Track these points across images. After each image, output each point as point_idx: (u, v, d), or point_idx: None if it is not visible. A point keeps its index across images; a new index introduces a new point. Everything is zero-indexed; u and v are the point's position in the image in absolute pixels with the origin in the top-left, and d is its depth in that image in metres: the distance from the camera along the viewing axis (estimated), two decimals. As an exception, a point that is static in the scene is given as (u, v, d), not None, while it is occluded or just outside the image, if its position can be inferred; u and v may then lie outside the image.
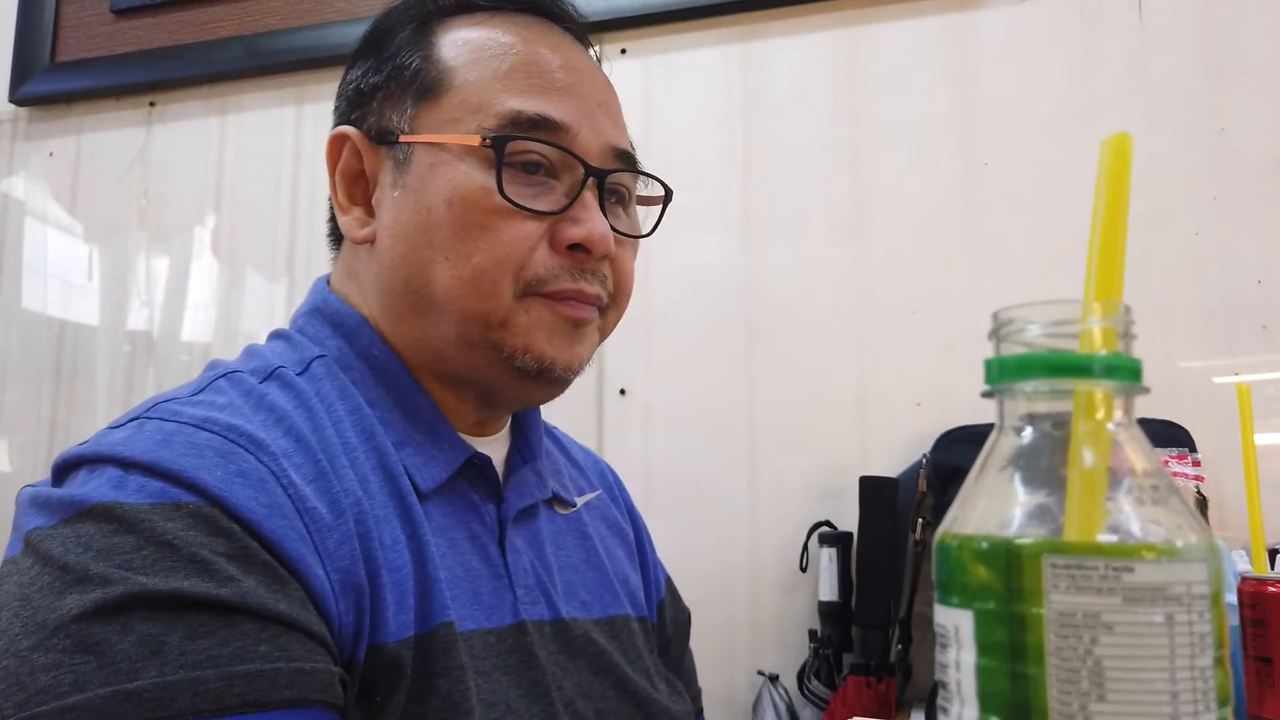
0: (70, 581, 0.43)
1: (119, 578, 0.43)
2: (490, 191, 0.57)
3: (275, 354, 0.60)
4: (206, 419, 0.50)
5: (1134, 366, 0.28)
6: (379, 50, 0.63)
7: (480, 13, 0.63)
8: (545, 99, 0.59)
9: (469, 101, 0.58)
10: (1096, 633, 0.25)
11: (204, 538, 0.45)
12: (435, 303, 0.58)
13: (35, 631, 0.42)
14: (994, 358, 0.29)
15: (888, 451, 1.23)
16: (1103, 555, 0.25)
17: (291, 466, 0.50)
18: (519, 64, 0.60)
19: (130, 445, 0.48)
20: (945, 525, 0.29)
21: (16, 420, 1.60)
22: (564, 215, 0.58)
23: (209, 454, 0.48)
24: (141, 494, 0.46)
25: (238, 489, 0.47)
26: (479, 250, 0.56)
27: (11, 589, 0.44)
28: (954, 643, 0.27)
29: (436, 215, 0.57)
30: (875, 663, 1.15)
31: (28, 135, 1.67)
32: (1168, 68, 1.22)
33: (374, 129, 0.61)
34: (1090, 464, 0.27)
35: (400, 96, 0.61)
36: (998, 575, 0.26)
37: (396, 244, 0.59)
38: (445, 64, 0.60)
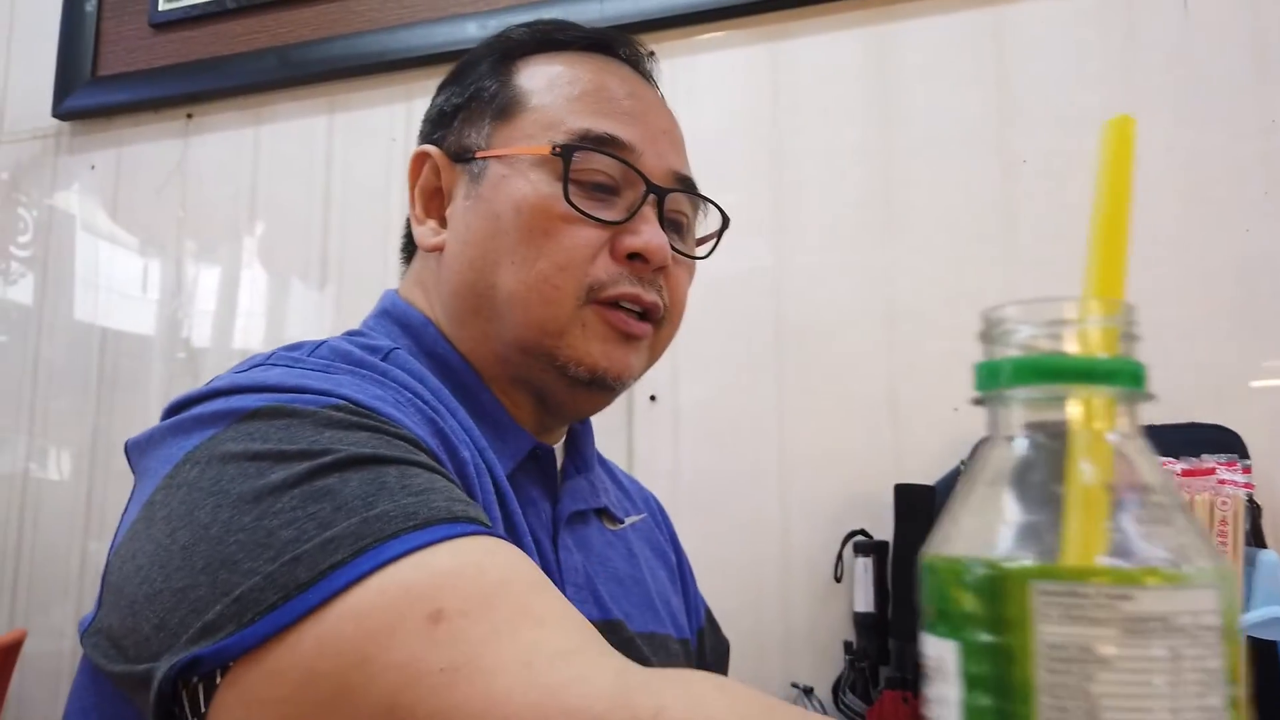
0: (268, 464, 0.44)
1: (318, 449, 0.44)
2: (557, 199, 0.60)
3: (353, 345, 0.62)
4: (329, 365, 0.54)
5: (1137, 371, 0.25)
6: (462, 78, 0.69)
7: (556, 50, 0.67)
8: (613, 120, 0.63)
9: (542, 121, 0.63)
10: (1091, 668, 0.22)
11: (371, 424, 0.47)
12: (498, 305, 0.61)
13: (253, 503, 0.42)
14: (983, 361, 0.26)
15: (923, 458, 1.19)
16: (1098, 581, 0.22)
17: (414, 425, 0.52)
18: (589, 90, 0.64)
19: (265, 379, 0.50)
20: (930, 545, 0.26)
21: (64, 429, 1.63)
22: (624, 226, 0.61)
23: (345, 383, 0.51)
24: (298, 401, 0.48)
25: (384, 407, 0.50)
26: (544, 255, 0.60)
27: (195, 496, 0.44)
28: (939, 676, 0.25)
29: (505, 221, 0.61)
30: (913, 676, 1.11)
31: (71, 149, 1.70)
32: (1214, 61, 1.17)
33: (453, 148, 0.66)
34: (1088, 479, 0.24)
35: (479, 117, 0.65)
36: (983, 602, 0.23)
37: (465, 249, 0.63)
38: (521, 88, 0.65)
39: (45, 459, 1.64)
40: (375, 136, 1.52)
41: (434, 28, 1.47)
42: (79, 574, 1.58)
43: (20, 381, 1.67)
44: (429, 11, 1.48)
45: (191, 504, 0.43)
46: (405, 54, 1.47)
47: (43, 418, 1.65)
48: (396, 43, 1.48)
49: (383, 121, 1.52)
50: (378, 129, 1.52)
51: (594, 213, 0.60)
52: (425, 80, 1.50)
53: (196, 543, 0.42)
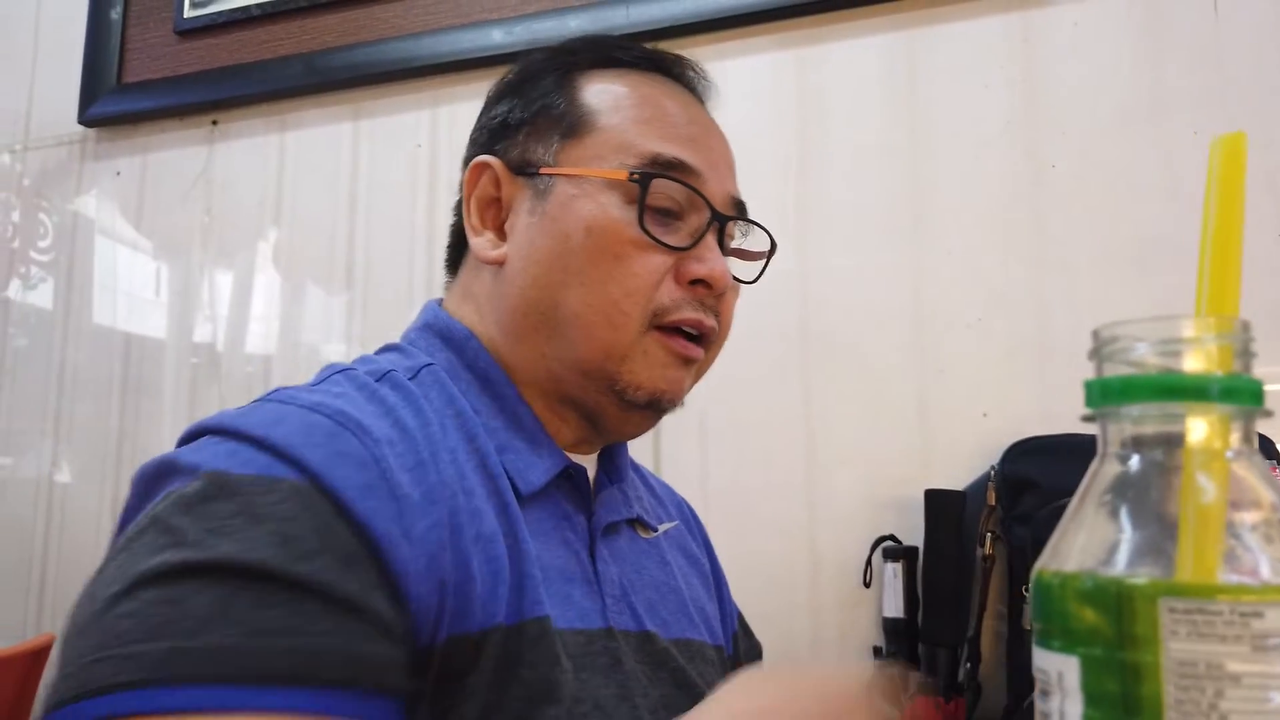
0: (169, 542, 0.46)
1: (210, 543, 0.45)
2: (629, 224, 0.61)
3: (388, 361, 0.63)
4: (319, 404, 0.53)
5: (1254, 388, 0.25)
6: (523, 92, 0.68)
7: (617, 68, 0.68)
8: (679, 145, 0.64)
9: (611, 142, 0.63)
10: (1222, 685, 0.22)
11: (292, 514, 0.47)
12: (561, 324, 0.62)
13: (125, 581, 0.45)
14: (1095, 379, 0.27)
15: (953, 463, 1.19)
16: (1228, 598, 0.22)
17: (392, 453, 0.53)
18: (656, 114, 0.65)
19: (246, 420, 0.52)
20: (1043, 560, 0.26)
21: (86, 433, 1.64)
22: (689, 253, 0.62)
23: (316, 434, 0.51)
24: (248, 465, 0.49)
25: (336, 468, 0.50)
26: (612, 279, 0.60)
27: (126, 543, 0.47)
28: (1057, 690, 0.25)
29: (574, 242, 0.61)
30: (944, 682, 1.11)
31: (96, 155, 1.71)
32: (1245, 65, 1.17)
33: (516, 160, 0.66)
34: (1207, 496, 0.24)
35: (546, 133, 0.65)
36: (1107, 618, 0.24)
37: (530, 266, 0.63)
38: (589, 107, 0.65)
39: (69, 463, 1.65)
40: (400, 143, 1.53)
41: (459, 34, 1.47)
42: (105, 578, 1.58)
43: (44, 386, 1.67)
44: (454, 18, 1.48)
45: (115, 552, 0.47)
46: (430, 60, 1.48)
47: (67, 422, 1.65)
48: (421, 49, 1.49)
49: (408, 128, 1.53)
50: (403, 136, 1.53)
51: (663, 239, 0.61)
52: (451, 87, 1.51)
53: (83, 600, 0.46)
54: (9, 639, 1.55)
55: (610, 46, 0.69)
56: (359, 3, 1.54)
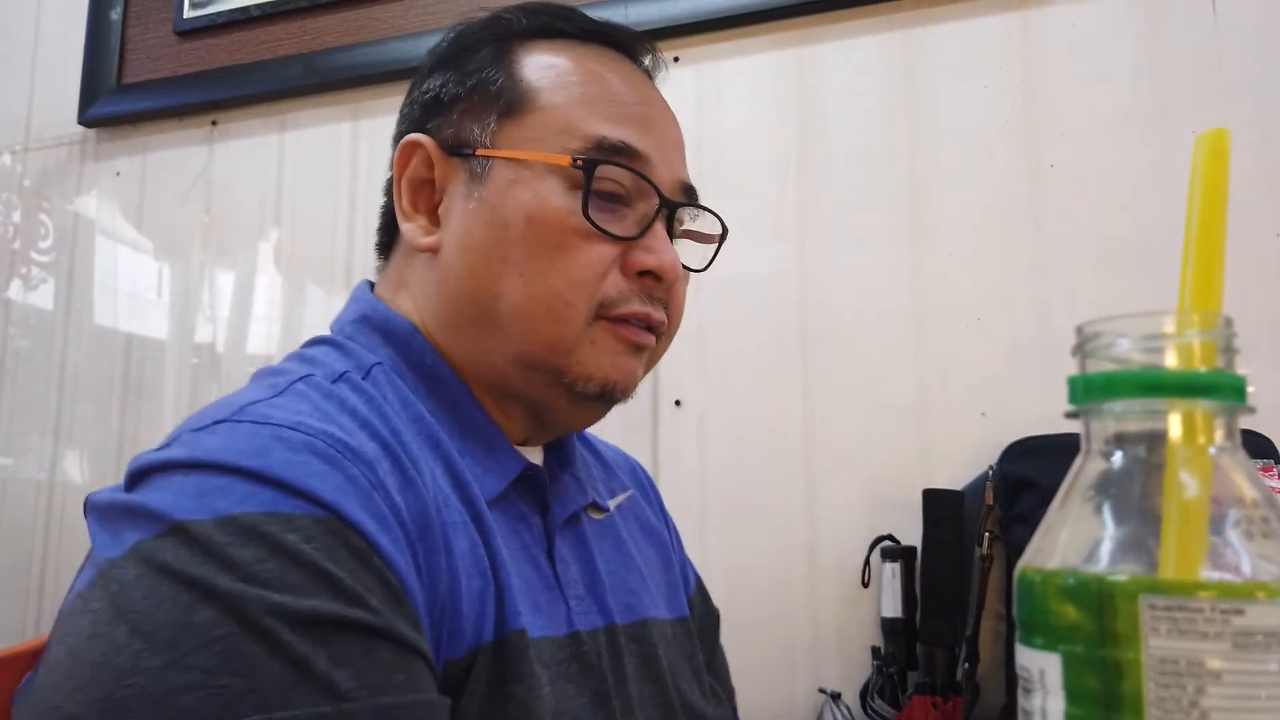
0: (199, 597, 0.40)
1: (252, 594, 0.40)
2: (572, 212, 0.57)
3: (332, 360, 0.59)
4: (299, 424, 0.48)
5: (1238, 384, 0.25)
6: (458, 64, 0.64)
7: (560, 39, 0.64)
8: (628, 128, 0.60)
9: (553, 122, 0.59)
10: (1203, 682, 0.22)
11: (326, 550, 0.43)
12: (501, 317, 0.58)
13: (166, 648, 0.39)
14: (1078, 375, 0.27)
15: (951, 463, 1.19)
16: (1209, 595, 0.22)
17: (385, 474, 0.49)
18: (603, 92, 0.61)
19: (229, 450, 0.45)
20: (1026, 558, 0.26)
21: (86, 433, 1.64)
22: (636, 242, 0.59)
23: (313, 460, 0.46)
24: (253, 503, 0.43)
25: (348, 498, 0.45)
26: (555, 270, 0.57)
27: (120, 602, 0.41)
28: (1039, 688, 0.25)
29: (514, 231, 0.58)
30: (941, 681, 1.11)
31: (96, 155, 1.72)
32: (1244, 65, 1.16)
33: (450, 140, 0.62)
34: (1190, 493, 0.24)
35: (482, 111, 0.61)
36: (1088, 615, 0.24)
37: (466, 255, 0.59)
38: (529, 84, 0.61)
39: (70, 464, 1.65)
40: (399, 143, 1.53)
41: (458, 34, 1.47)
42: (105, 578, 1.58)
43: (45, 387, 1.68)
44: (453, 18, 1.48)
45: (117, 612, 0.41)
46: (429, 60, 1.48)
47: (67, 423, 1.66)
48: (421, 49, 1.47)
49: (407, 128, 1.53)
50: (402, 135, 1.53)
51: (609, 228, 0.58)
52: (449, 86, 1.51)
53: (104, 666, 0.40)
54: (8, 639, 1.55)
55: (553, 15, 0.65)
56: (358, 3, 1.54)
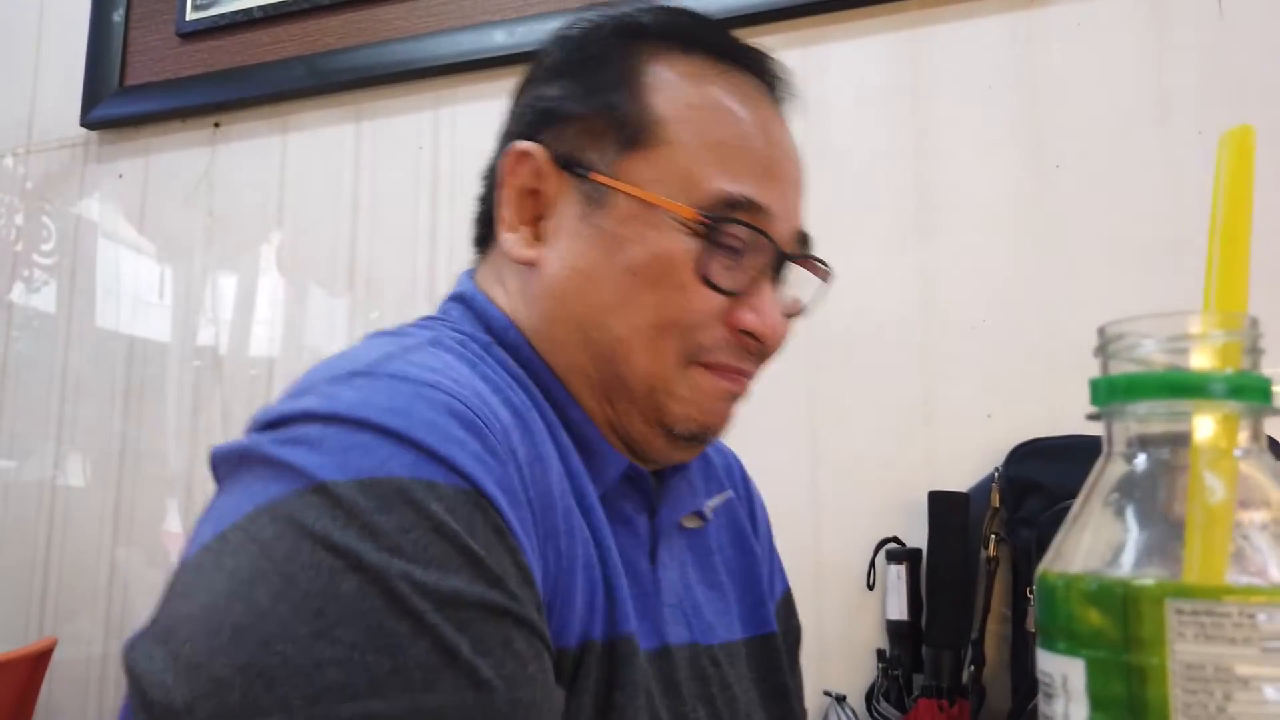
0: (343, 566, 0.39)
1: (397, 568, 0.39)
2: (689, 261, 0.56)
3: (448, 330, 0.57)
4: (438, 381, 0.46)
5: (1263, 386, 0.25)
6: (582, 76, 0.60)
7: (693, 55, 0.60)
8: (754, 182, 0.58)
9: (679, 165, 0.57)
10: (1230, 688, 0.22)
11: (468, 526, 0.42)
12: (605, 347, 0.57)
13: (313, 618, 0.38)
14: (1101, 377, 0.26)
15: (957, 465, 1.19)
16: (1236, 600, 0.22)
17: (516, 444, 0.48)
18: (732, 135, 0.58)
19: (370, 406, 0.44)
20: (1047, 562, 0.26)
21: (88, 436, 1.64)
22: (744, 298, 0.58)
23: (454, 425, 0.44)
24: (396, 464, 0.42)
25: (488, 470, 0.44)
26: (663, 312, 0.56)
27: (259, 562, 0.40)
28: (1061, 693, 0.24)
29: (629, 266, 0.56)
30: (947, 684, 1.11)
31: (98, 158, 1.71)
32: (1250, 64, 1.16)
33: (566, 156, 0.59)
34: (1215, 496, 0.24)
35: (604, 134, 0.58)
36: (1112, 620, 0.23)
37: (574, 278, 0.58)
38: (657, 115, 0.58)
39: (72, 467, 1.65)
40: (403, 145, 1.53)
41: (461, 35, 1.47)
42: (108, 582, 1.58)
43: (47, 389, 1.68)
44: (456, 19, 1.48)
45: (257, 573, 0.40)
46: (433, 62, 1.48)
47: (69, 425, 1.66)
48: (424, 51, 1.49)
49: (410, 130, 1.53)
50: (405, 137, 1.53)
51: (720, 282, 0.57)
52: (453, 88, 1.51)
53: (247, 629, 0.39)
54: (12, 642, 1.55)
55: (688, 24, 0.61)
56: (361, 4, 1.54)
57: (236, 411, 1.57)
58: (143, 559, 1.58)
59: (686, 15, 0.62)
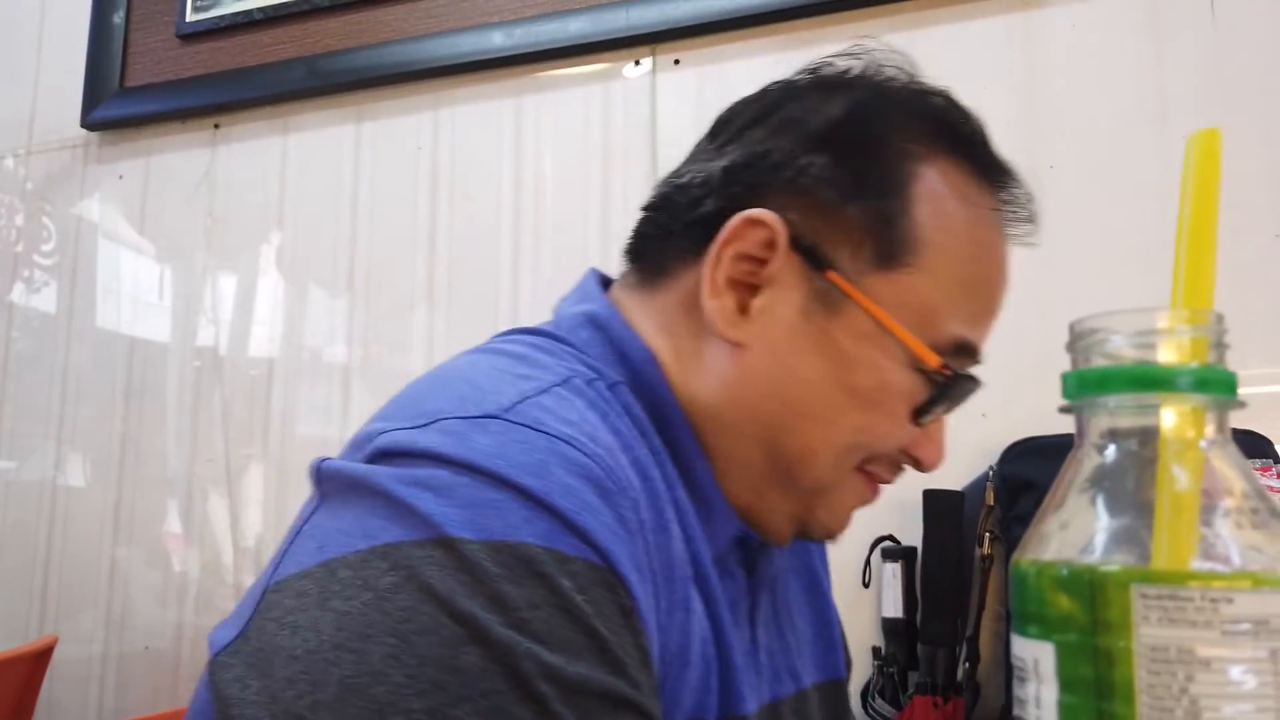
0: (465, 636, 0.37)
1: (524, 649, 0.37)
2: (911, 399, 0.53)
3: (571, 359, 0.53)
4: (574, 438, 0.44)
5: (1228, 379, 0.25)
6: (850, 156, 0.54)
7: (960, 166, 0.56)
8: (983, 326, 0.56)
9: (925, 297, 0.53)
10: (1192, 669, 0.23)
11: (596, 606, 0.40)
12: (790, 450, 0.54)
13: (430, 690, 0.37)
14: (1072, 371, 0.27)
15: (952, 464, 1.17)
16: (1198, 585, 0.23)
17: (644, 512, 0.45)
18: (982, 279, 0.55)
19: (507, 461, 0.41)
20: (1021, 550, 0.27)
21: (89, 436, 1.65)
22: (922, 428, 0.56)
23: (589, 492, 0.42)
24: (529, 531, 0.39)
25: (620, 545, 0.42)
26: (864, 437, 0.53)
27: (374, 615, 0.38)
28: (1033, 677, 0.25)
29: (850, 386, 0.53)
30: (942, 682, 1.12)
31: (99, 159, 1.72)
32: (1243, 65, 1.17)
33: (805, 242, 0.53)
34: (1181, 485, 0.25)
35: (861, 240, 0.53)
36: (1081, 605, 0.24)
37: (778, 373, 0.53)
38: (919, 235, 0.53)
39: (72, 467, 1.66)
40: (402, 146, 1.54)
41: (460, 37, 1.48)
42: (108, 581, 1.59)
43: (47, 389, 1.68)
44: (456, 20, 1.49)
45: (370, 626, 0.38)
46: (432, 63, 1.49)
47: (70, 426, 1.66)
48: (423, 52, 1.49)
49: (409, 131, 1.54)
50: (405, 138, 1.54)
51: (928, 421, 0.54)
52: (452, 89, 1.52)
53: (356, 689, 0.37)
54: (13, 640, 1.56)
55: (960, 129, 0.57)
56: (360, 6, 1.55)
57: (236, 411, 1.57)
58: (142, 559, 1.59)
59: (954, 106, 0.58)
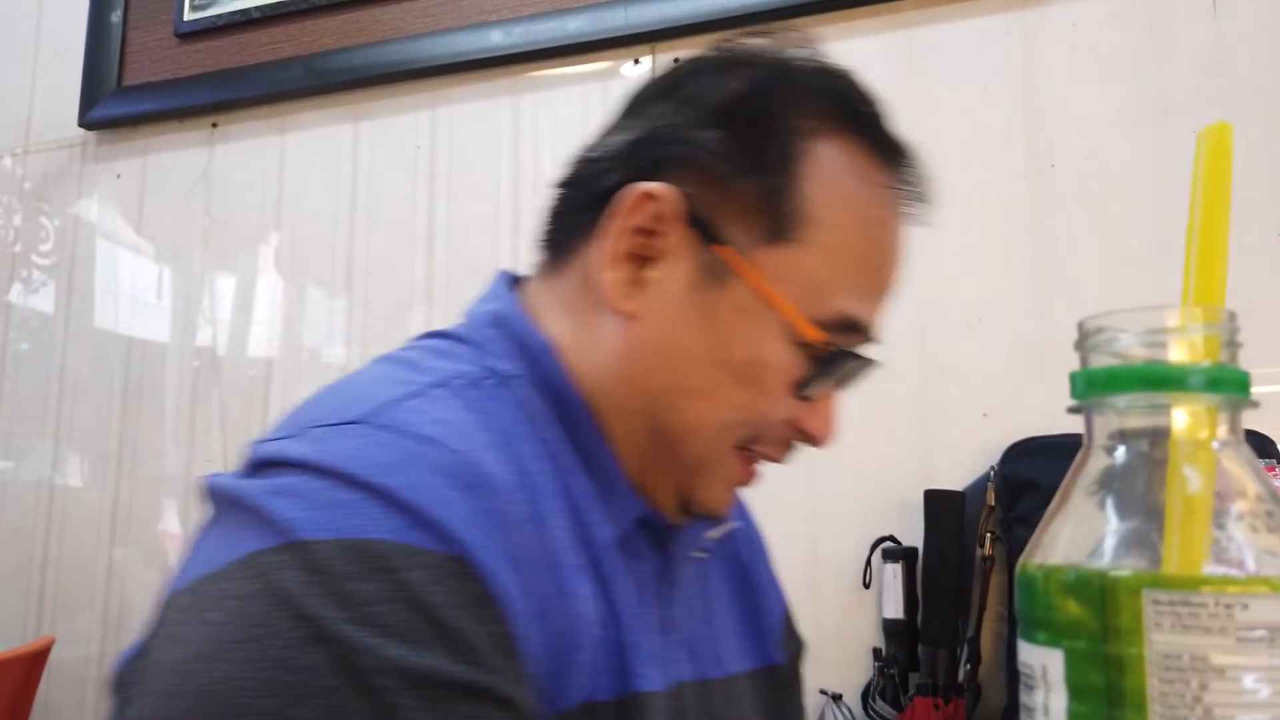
0: (309, 636, 0.38)
1: (367, 644, 0.38)
2: (789, 372, 0.54)
3: (470, 362, 0.54)
4: (437, 437, 0.45)
5: (1241, 379, 0.25)
6: (742, 132, 0.54)
7: (857, 142, 0.56)
8: (872, 303, 0.57)
9: (812, 272, 0.53)
10: (1206, 677, 0.22)
11: (448, 597, 0.41)
12: (671, 427, 0.55)
13: (276, 690, 0.38)
14: (1080, 370, 0.26)
15: (953, 464, 1.19)
16: (1212, 590, 0.22)
17: (516, 505, 0.46)
18: (872, 256, 0.56)
19: (365, 462, 0.43)
20: (1028, 554, 0.26)
21: (87, 436, 1.64)
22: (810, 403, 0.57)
23: (448, 487, 0.43)
24: (380, 528, 0.41)
25: (478, 535, 0.43)
26: (747, 408, 0.54)
27: (232, 624, 0.40)
28: (1041, 684, 0.25)
29: (731, 360, 0.53)
30: (943, 683, 1.11)
31: (96, 158, 1.72)
32: (1244, 63, 1.17)
33: (699, 216, 0.54)
34: (1193, 487, 0.24)
35: (753, 216, 0.53)
36: (1091, 611, 0.23)
37: (668, 349, 0.54)
38: (809, 206, 0.53)
39: (70, 467, 1.65)
40: (400, 145, 1.53)
41: (458, 36, 1.47)
42: (105, 581, 1.58)
43: (45, 389, 1.68)
44: (453, 19, 1.49)
45: (231, 634, 0.39)
46: (430, 62, 1.48)
47: (68, 426, 1.66)
48: (421, 51, 1.49)
49: (408, 130, 1.53)
50: (402, 137, 1.53)
51: (810, 396, 0.55)
52: (450, 88, 1.51)
53: (212, 697, 0.39)
54: (10, 641, 1.55)
55: (855, 99, 0.57)
56: (358, 5, 1.54)
57: (235, 412, 1.57)
58: (140, 559, 1.59)
59: (854, 86, 0.58)
